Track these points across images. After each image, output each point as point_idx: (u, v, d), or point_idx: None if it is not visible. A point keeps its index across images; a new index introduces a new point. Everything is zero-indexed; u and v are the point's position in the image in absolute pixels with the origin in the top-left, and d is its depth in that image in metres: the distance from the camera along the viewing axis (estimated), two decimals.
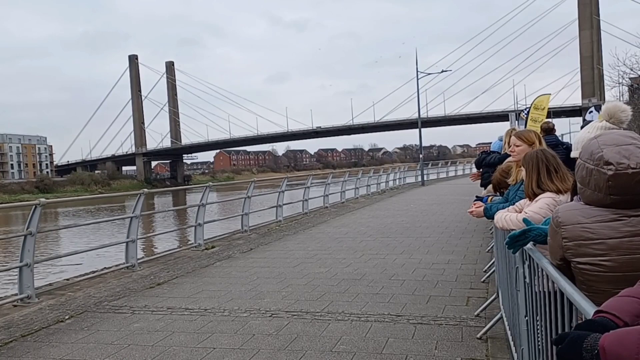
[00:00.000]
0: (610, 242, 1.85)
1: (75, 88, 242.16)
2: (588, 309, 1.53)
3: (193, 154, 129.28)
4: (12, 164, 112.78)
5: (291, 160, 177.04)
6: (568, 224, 1.96)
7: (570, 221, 1.96)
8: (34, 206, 6.56)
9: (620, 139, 1.89)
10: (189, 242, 12.39)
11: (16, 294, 6.47)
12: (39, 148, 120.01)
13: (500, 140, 8.32)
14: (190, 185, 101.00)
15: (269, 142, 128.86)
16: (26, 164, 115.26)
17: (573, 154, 2.66)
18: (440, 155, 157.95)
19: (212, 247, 10.25)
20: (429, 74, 39.25)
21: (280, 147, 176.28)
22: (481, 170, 7.86)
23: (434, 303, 5.72)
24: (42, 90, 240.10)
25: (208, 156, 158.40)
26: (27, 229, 6.50)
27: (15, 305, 6.23)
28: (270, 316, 5.46)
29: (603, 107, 2.98)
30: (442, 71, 39.94)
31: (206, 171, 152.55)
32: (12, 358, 4.57)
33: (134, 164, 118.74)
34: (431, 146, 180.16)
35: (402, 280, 6.81)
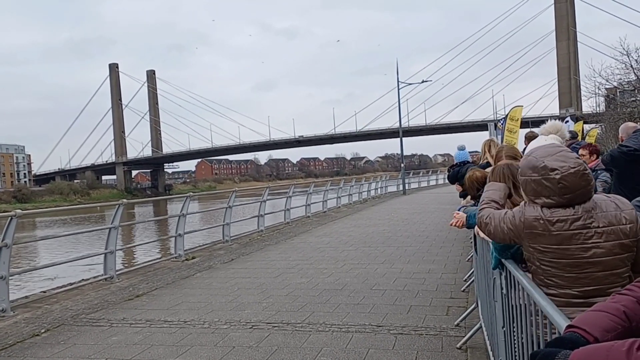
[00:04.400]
0: (564, 234, 2.18)
1: (56, 96, 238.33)
2: (560, 322, 1.55)
3: (174, 163, 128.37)
4: None
5: (273, 169, 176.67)
6: (530, 218, 2.28)
7: (532, 215, 2.27)
8: (9, 217, 6.44)
9: (551, 150, 2.25)
10: (169, 253, 12.26)
11: None
12: (16, 157, 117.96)
13: (461, 149, 8.33)
14: (172, 194, 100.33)
15: (251, 151, 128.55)
16: (3, 174, 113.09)
17: None
18: (421, 164, 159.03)
19: (193, 258, 10.17)
20: (410, 84, 39.66)
21: (262, 156, 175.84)
22: (459, 182, 7.87)
23: (414, 313, 5.74)
24: (20, 98, 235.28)
25: (190, 165, 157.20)
26: (2, 241, 6.37)
27: None
28: (250, 328, 5.42)
29: (549, 124, 3.27)
30: (423, 81, 40.29)
31: (188, 180, 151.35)
32: None
33: (114, 173, 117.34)
34: (412, 155, 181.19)
35: (383, 290, 6.82)
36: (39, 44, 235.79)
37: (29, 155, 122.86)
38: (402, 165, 35.89)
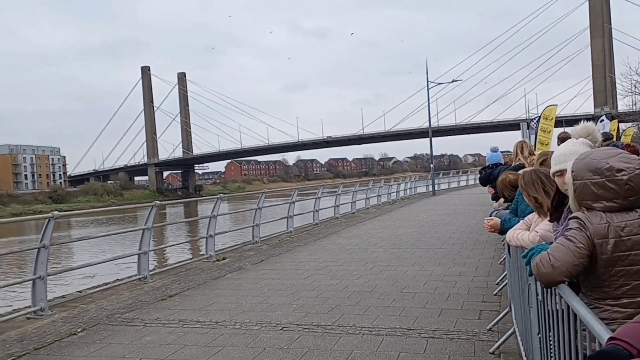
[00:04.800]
0: (634, 239, 2.09)
1: (90, 97, 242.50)
2: (602, 333, 1.51)
3: (204, 164, 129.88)
4: (25, 175, 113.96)
5: (302, 170, 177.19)
6: (600, 227, 2.14)
7: (601, 223, 2.15)
8: (47, 219, 6.62)
9: (611, 152, 2.19)
10: (200, 253, 12.43)
11: (29, 307, 6.51)
12: (52, 159, 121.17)
13: (494, 151, 8.24)
14: (202, 194, 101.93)
15: (280, 152, 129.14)
16: (40, 175, 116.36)
17: (558, 168, 2.68)
18: (451, 165, 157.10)
19: (223, 259, 10.28)
20: (440, 83, 39.30)
21: (290, 157, 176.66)
22: (491, 184, 7.77)
23: (445, 316, 5.68)
24: (56, 99, 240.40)
25: (219, 166, 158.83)
26: (40, 242, 6.56)
27: (28, 318, 6.28)
28: (281, 329, 5.45)
29: (581, 126, 3.16)
30: (453, 81, 39.89)
31: (217, 181, 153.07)
32: None
33: (146, 174, 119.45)
34: (442, 155, 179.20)
35: (413, 293, 6.77)
36: (74, 46, 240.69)
37: (64, 156, 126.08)
38: (432, 165, 35.59)
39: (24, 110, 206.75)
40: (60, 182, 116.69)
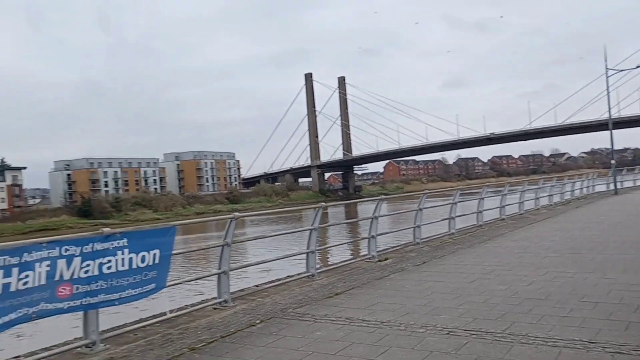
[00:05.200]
0: None
1: (261, 106, 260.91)
2: None
3: (363, 165, 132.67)
4: (207, 178, 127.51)
5: (462, 168, 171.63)
6: None
7: None
8: (229, 220, 7.32)
9: None
10: (362, 254, 12.70)
11: (215, 298, 7.27)
12: (228, 163, 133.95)
13: None
14: (361, 195, 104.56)
15: (439, 151, 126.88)
16: (218, 178, 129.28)
17: None
18: (636, 160, 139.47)
19: (385, 259, 10.39)
20: (621, 70, 35.22)
21: (450, 156, 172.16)
22: None
23: (634, 330, 5.10)
24: (232, 109, 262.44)
25: (378, 166, 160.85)
26: (224, 240, 7.28)
27: (215, 308, 7.01)
28: (447, 334, 5.36)
29: None
30: (638, 66, 35.39)
31: (376, 181, 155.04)
32: (215, 357, 5.15)
33: (309, 176, 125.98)
34: (625, 149, 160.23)
35: (594, 303, 6.18)
36: (248, 58, 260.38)
37: (238, 160, 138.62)
38: (612, 161, 31.98)
39: (206, 121, 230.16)
40: (235, 184, 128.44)
